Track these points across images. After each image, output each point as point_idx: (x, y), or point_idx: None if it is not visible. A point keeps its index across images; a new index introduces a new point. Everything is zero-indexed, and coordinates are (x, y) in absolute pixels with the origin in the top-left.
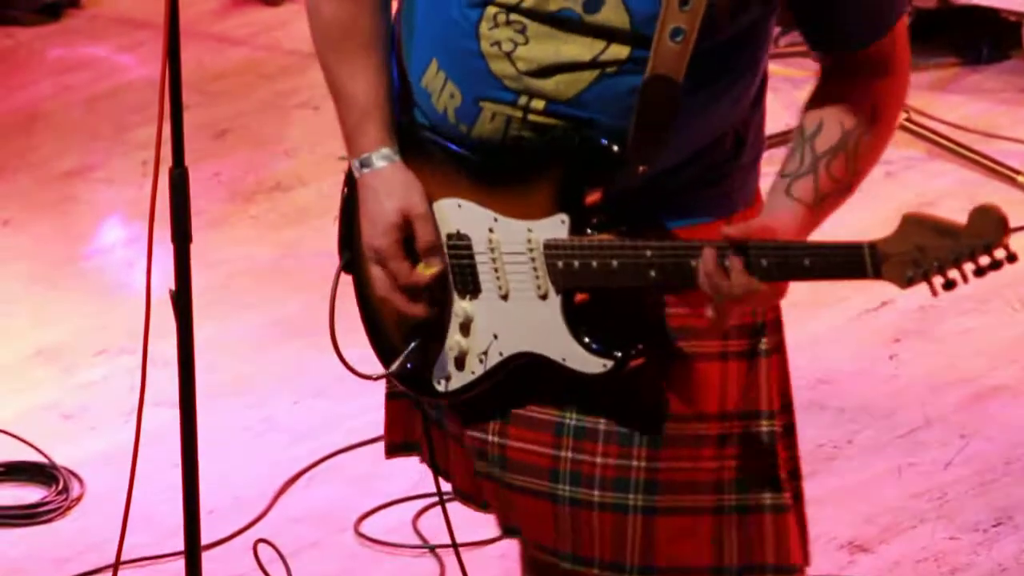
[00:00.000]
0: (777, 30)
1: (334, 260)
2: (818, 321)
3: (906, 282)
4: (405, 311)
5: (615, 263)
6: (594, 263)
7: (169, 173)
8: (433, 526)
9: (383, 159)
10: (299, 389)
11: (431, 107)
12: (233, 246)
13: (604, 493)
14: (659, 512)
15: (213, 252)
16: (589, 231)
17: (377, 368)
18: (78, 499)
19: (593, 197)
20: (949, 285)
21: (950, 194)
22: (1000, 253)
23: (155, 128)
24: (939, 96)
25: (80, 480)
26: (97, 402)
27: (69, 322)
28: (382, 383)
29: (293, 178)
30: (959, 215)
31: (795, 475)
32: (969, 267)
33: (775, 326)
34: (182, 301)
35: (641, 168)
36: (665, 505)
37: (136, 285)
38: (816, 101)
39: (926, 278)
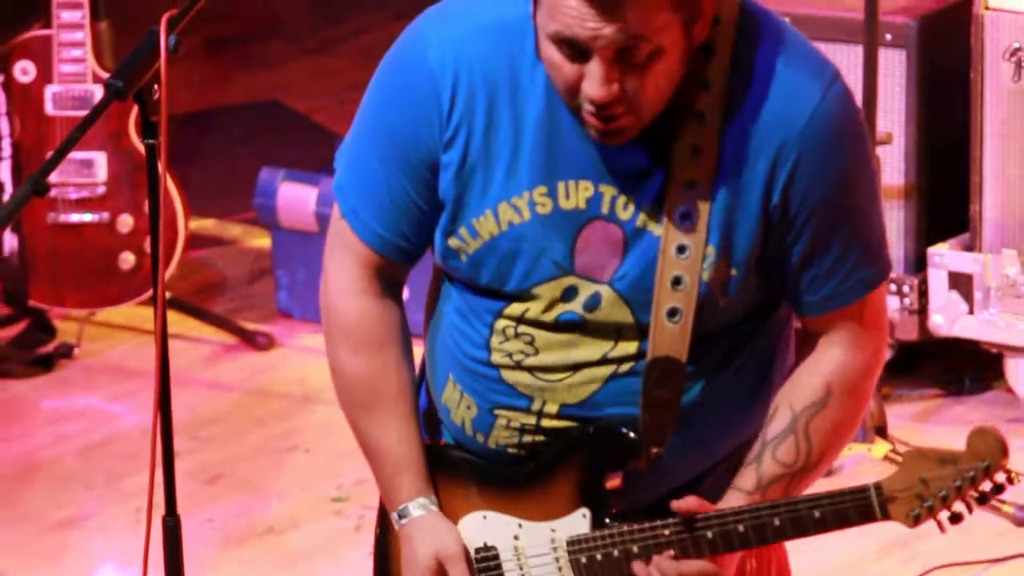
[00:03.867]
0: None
1: None
2: None
3: (913, 521)
4: None
5: (635, 548)
6: (615, 552)
7: (162, 521)
8: None
9: (419, 508)
10: None
11: (450, 421)
12: None
13: None
14: None
15: None
16: (608, 520)
17: None
18: None
19: (613, 483)
20: (955, 518)
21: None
22: (1000, 476)
23: (148, 476)
24: (923, 427)
25: None
26: None
27: None
28: None
29: (286, 521)
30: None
31: None
32: (972, 495)
33: None
34: None
35: (655, 450)
36: None
37: None
38: (783, 382)
39: (932, 513)
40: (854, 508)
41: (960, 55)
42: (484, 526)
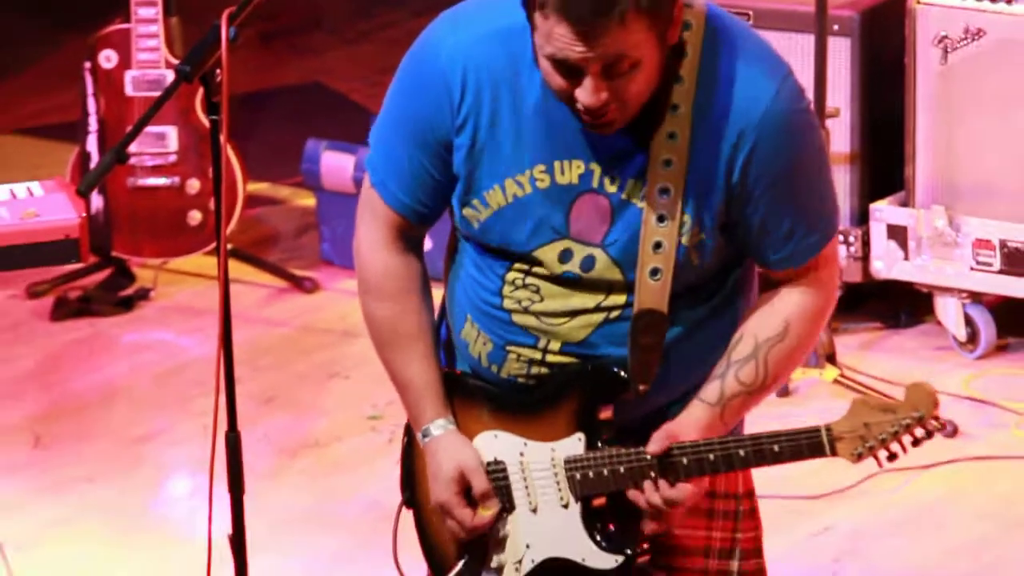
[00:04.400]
0: None
1: (365, 503)
2: (769, 543)
3: (855, 458)
4: (470, 542)
5: (622, 469)
6: (604, 471)
7: (225, 436)
8: None
9: (439, 428)
10: None
11: (468, 354)
12: (281, 495)
13: None
14: None
15: (263, 500)
16: (599, 444)
17: None
18: None
19: (605, 414)
20: (891, 457)
21: None
22: (932, 424)
23: (212, 398)
24: (866, 354)
25: None
26: None
27: (144, 562)
28: None
29: (329, 436)
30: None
31: None
32: (907, 439)
33: (753, 553)
34: (238, 543)
35: (642, 387)
36: None
37: (199, 530)
38: (748, 314)
39: (872, 452)
40: (807, 445)
41: (896, 42)
42: (494, 443)
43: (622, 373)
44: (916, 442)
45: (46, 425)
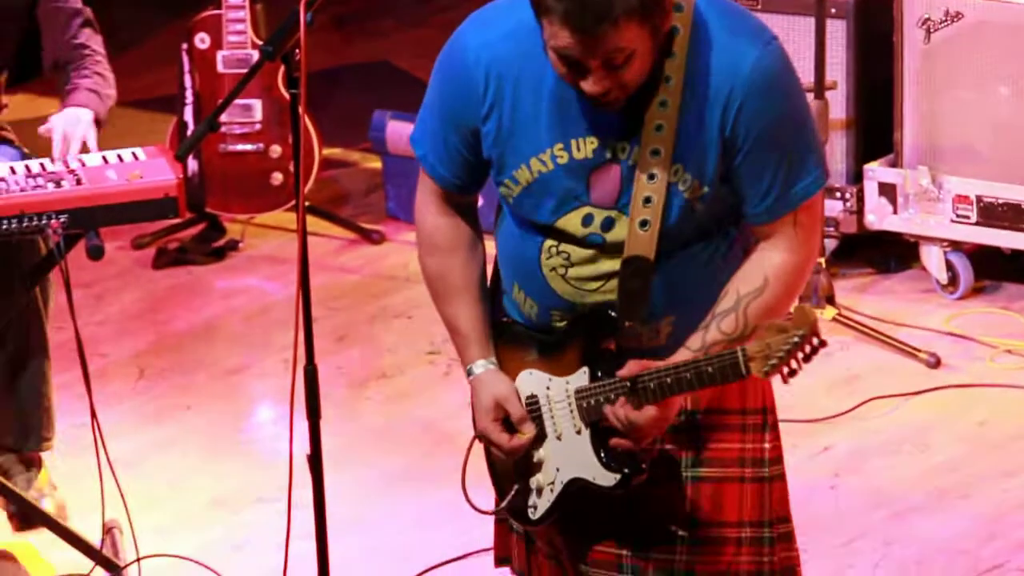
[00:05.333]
0: None
1: (426, 427)
2: None
3: (764, 375)
4: (520, 470)
5: (613, 395)
6: (600, 398)
7: (304, 369)
8: None
9: (480, 367)
10: (404, 519)
11: (519, 313)
12: (352, 420)
13: None
14: None
15: (337, 425)
16: (600, 375)
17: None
18: None
19: (606, 346)
20: (792, 373)
21: (871, 368)
22: (816, 341)
23: (293, 335)
24: (861, 296)
25: None
26: (256, 536)
27: (235, 478)
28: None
29: (394, 368)
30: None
31: (791, 571)
32: (800, 355)
33: (777, 460)
34: (315, 462)
35: (627, 323)
36: None
37: (282, 451)
38: (734, 274)
39: (776, 369)
40: (730, 366)
41: (886, 24)
42: (529, 380)
43: (612, 312)
44: (807, 358)
45: (149, 360)
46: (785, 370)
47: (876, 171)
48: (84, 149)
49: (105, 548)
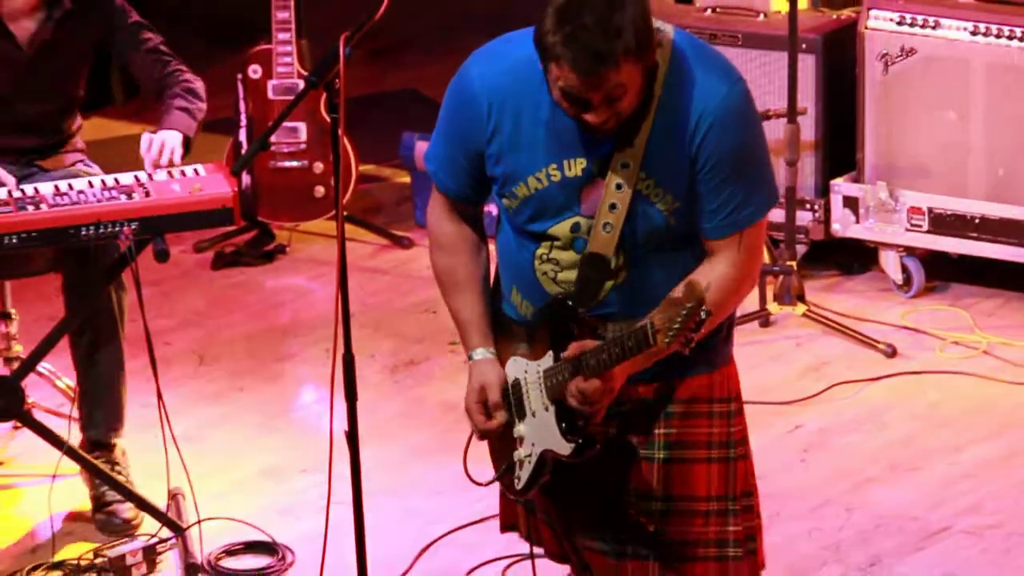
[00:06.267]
0: None
1: (448, 407)
2: (751, 438)
3: (667, 345)
4: (508, 448)
5: (567, 374)
6: (560, 377)
7: (342, 356)
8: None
9: (479, 355)
10: (429, 487)
11: (517, 312)
12: (385, 400)
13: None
14: (666, 558)
15: (371, 405)
16: (559, 358)
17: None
18: (291, 564)
19: (567, 331)
20: (688, 342)
21: (837, 357)
22: (703, 313)
23: (333, 328)
24: (828, 295)
25: (292, 552)
26: (300, 502)
27: (282, 451)
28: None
29: (421, 356)
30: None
31: (752, 539)
32: (691, 326)
33: (742, 442)
34: (352, 437)
35: (581, 311)
36: (672, 552)
37: (323, 428)
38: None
39: (675, 339)
40: (643, 338)
41: (850, 58)
42: (515, 366)
43: (568, 301)
44: (696, 327)
45: (208, 348)
46: (683, 339)
47: (841, 186)
48: (171, 165)
49: (170, 511)
